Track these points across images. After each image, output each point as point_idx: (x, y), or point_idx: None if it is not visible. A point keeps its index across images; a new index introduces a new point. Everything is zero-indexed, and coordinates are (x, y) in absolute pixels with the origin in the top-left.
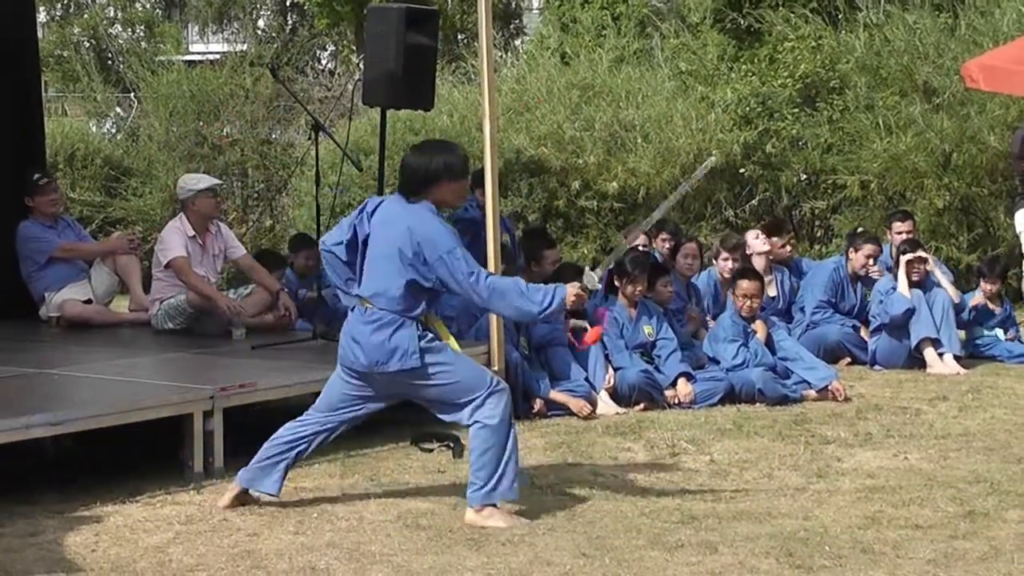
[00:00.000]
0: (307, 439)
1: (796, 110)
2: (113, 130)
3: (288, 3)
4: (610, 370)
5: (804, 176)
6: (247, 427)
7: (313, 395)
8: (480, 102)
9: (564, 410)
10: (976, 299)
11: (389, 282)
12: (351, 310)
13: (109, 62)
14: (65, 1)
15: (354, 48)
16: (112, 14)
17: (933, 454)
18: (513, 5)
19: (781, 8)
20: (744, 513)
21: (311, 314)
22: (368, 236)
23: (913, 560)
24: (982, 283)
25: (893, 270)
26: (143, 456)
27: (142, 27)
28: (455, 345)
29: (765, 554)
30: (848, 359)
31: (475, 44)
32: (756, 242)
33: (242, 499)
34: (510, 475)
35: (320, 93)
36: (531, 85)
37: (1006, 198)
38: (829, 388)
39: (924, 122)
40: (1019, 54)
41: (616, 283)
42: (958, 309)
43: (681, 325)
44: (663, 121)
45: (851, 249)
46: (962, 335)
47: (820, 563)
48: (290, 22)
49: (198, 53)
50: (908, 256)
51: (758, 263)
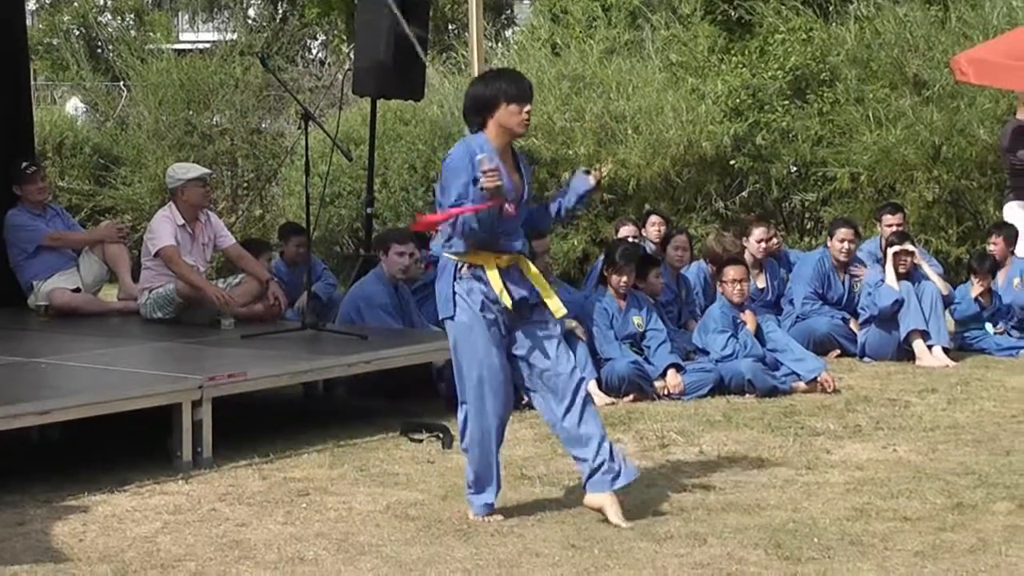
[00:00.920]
0: None
1: (786, 102)
2: (80, 110)
3: None
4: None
5: (794, 168)
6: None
7: (303, 385)
8: None
9: None
10: (975, 290)
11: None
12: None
13: (99, 51)
14: None
15: (345, 38)
16: (102, 2)
17: (922, 446)
18: None
19: (772, 0)
20: (733, 505)
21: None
22: None
23: (901, 552)
24: (972, 278)
25: (882, 262)
26: (131, 446)
27: (132, 15)
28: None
29: (754, 545)
30: (837, 351)
31: (466, 34)
32: (755, 244)
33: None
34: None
35: (310, 83)
36: None
37: (995, 191)
38: (818, 380)
39: (914, 115)
40: (1009, 48)
41: (605, 274)
42: (947, 301)
43: (671, 317)
44: (653, 112)
45: (829, 238)
46: (951, 326)
47: (808, 555)
48: (280, 11)
49: (188, 42)
50: (895, 248)
51: (747, 255)
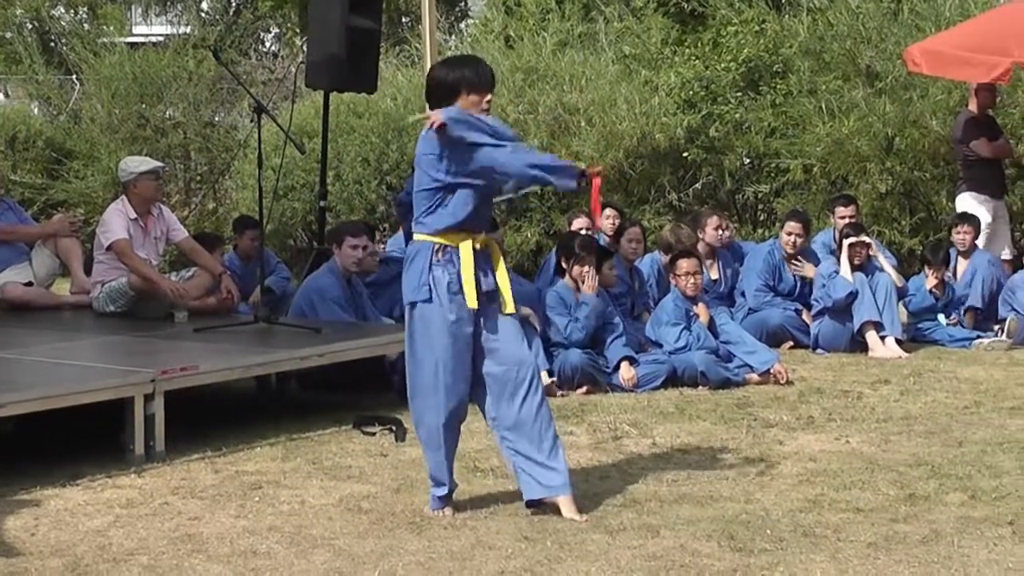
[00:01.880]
0: None
1: (739, 94)
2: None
3: None
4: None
5: (747, 160)
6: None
7: (255, 378)
8: (423, 85)
9: None
10: (929, 282)
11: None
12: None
13: (52, 44)
14: None
15: (298, 31)
16: None
17: (875, 437)
18: None
19: None
20: (686, 496)
21: None
22: None
23: (854, 543)
24: (926, 270)
25: (836, 254)
26: (84, 440)
27: (85, 9)
28: (472, 297)
29: (706, 537)
30: (790, 342)
31: (419, 27)
32: (713, 232)
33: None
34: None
35: (264, 76)
36: None
37: (948, 182)
38: (771, 371)
39: (867, 106)
40: (961, 39)
41: (563, 265)
42: (901, 293)
43: (624, 308)
44: (607, 105)
45: (781, 229)
46: (905, 318)
47: (761, 546)
48: (234, 4)
49: (141, 35)
50: (850, 240)
51: (702, 246)
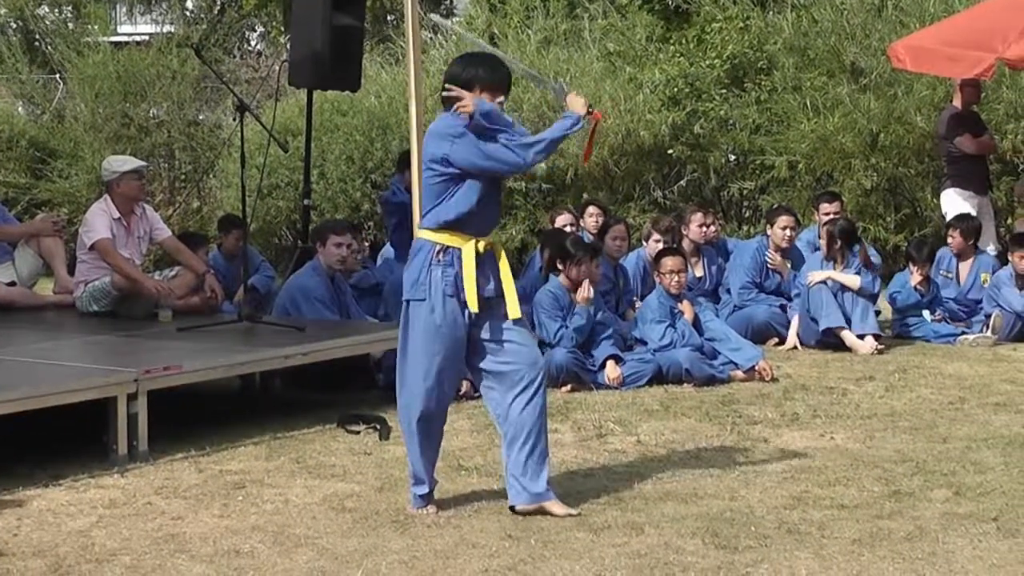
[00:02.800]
0: None
1: (724, 91)
2: None
3: None
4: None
5: (732, 157)
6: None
7: (239, 377)
8: (407, 83)
9: None
10: (915, 279)
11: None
12: None
13: (35, 43)
14: None
15: (282, 29)
16: None
17: (859, 434)
18: None
19: None
20: (670, 494)
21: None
22: None
23: (838, 540)
24: (911, 267)
25: (822, 250)
26: (67, 439)
27: (69, 8)
28: (473, 301)
29: (691, 535)
30: (775, 339)
31: (403, 25)
32: (697, 229)
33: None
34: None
35: (248, 74)
36: None
37: (933, 178)
38: (756, 368)
39: (851, 103)
40: (945, 35)
41: (559, 265)
42: (867, 292)
43: (609, 306)
44: (592, 102)
45: (769, 226)
46: (888, 314)
47: (746, 544)
48: (218, 3)
49: (126, 34)
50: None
51: (686, 243)
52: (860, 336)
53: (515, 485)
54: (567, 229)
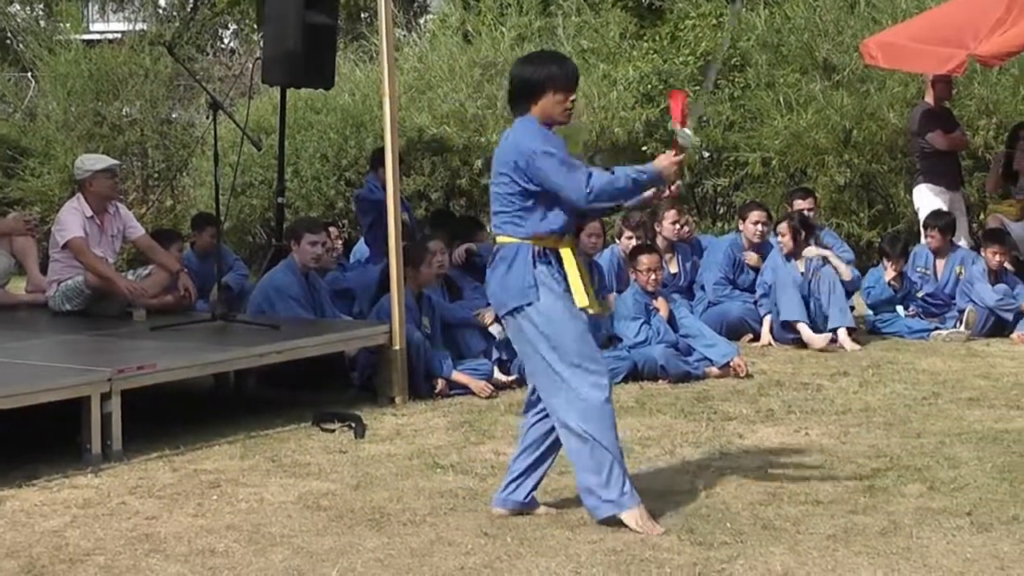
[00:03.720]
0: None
1: (697, 88)
2: None
3: None
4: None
5: (706, 154)
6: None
7: (213, 376)
8: (381, 80)
9: (467, 389)
10: (888, 275)
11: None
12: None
13: (7, 41)
14: None
15: (255, 27)
16: None
17: (834, 429)
18: None
19: None
20: (646, 490)
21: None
22: None
23: (813, 535)
24: (885, 262)
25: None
26: (40, 439)
27: (41, 6)
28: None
29: (667, 531)
30: (750, 335)
31: (377, 22)
32: (670, 226)
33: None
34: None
35: (221, 72)
36: (433, 64)
37: (905, 174)
38: (731, 364)
39: (824, 99)
40: (917, 31)
41: None
42: (851, 287)
43: None
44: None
45: (741, 221)
46: (863, 309)
47: (721, 539)
48: (191, 0)
49: (98, 32)
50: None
51: (660, 240)
52: (834, 329)
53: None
54: None
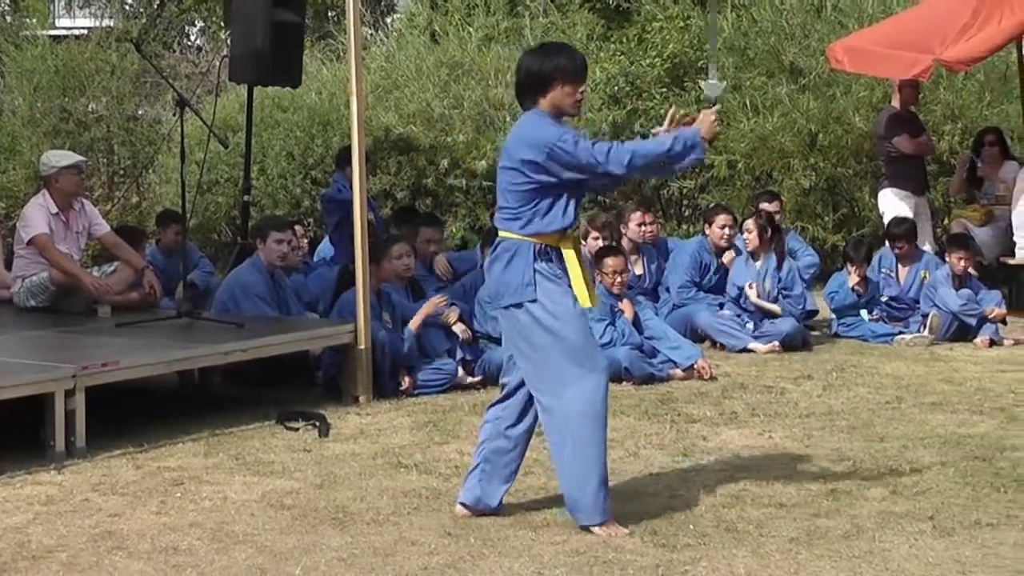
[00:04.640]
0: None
1: (664, 89)
2: None
3: None
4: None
5: None
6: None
7: (177, 373)
8: (348, 79)
9: (432, 389)
10: (852, 280)
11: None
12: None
13: None
14: None
15: (222, 24)
16: None
17: (797, 432)
18: None
19: None
20: (609, 492)
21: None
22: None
23: (776, 538)
24: (849, 267)
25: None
26: (3, 436)
27: (7, 1)
28: (582, 292)
29: (629, 533)
30: (710, 343)
31: (344, 21)
32: (636, 228)
33: None
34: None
35: (187, 69)
36: (400, 63)
37: (871, 178)
38: (695, 367)
39: (790, 102)
40: (884, 36)
41: None
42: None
43: None
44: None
45: (707, 225)
46: (827, 313)
47: (684, 541)
48: None
49: (64, 28)
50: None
51: (625, 241)
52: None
53: (494, 487)
54: None
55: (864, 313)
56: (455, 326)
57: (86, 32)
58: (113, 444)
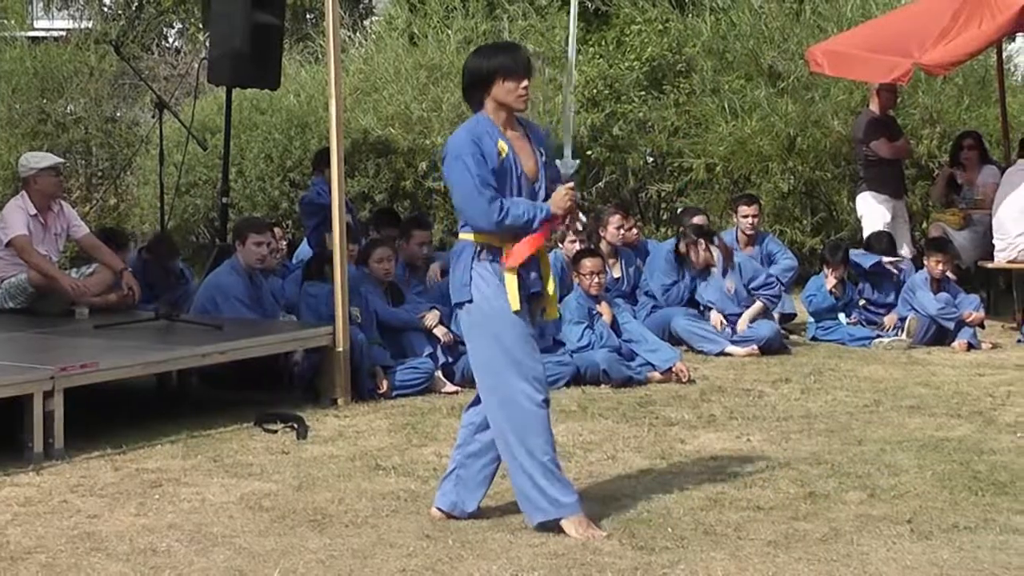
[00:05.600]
0: None
1: (643, 93)
2: None
3: None
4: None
5: (651, 159)
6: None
7: (156, 375)
8: (327, 82)
9: (409, 389)
10: (829, 283)
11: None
12: None
13: None
14: None
15: (201, 26)
16: None
17: (775, 436)
18: None
19: None
20: (587, 494)
21: None
22: None
23: (754, 541)
24: (826, 270)
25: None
26: None
27: None
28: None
29: (608, 536)
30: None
31: (323, 23)
32: (614, 231)
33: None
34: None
35: (166, 71)
36: (379, 65)
37: (849, 182)
38: (673, 370)
39: (769, 106)
40: (862, 40)
41: None
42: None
43: None
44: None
45: (681, 227)
46: (805, 316)
47: (662, 544)
48: None
49: (42, 29)
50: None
51: (604, 244)
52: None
53: (470, 492)
54: None
55: (842, 316)
56: (435, 329)
57: (64, 34)
58: (92, 446)
